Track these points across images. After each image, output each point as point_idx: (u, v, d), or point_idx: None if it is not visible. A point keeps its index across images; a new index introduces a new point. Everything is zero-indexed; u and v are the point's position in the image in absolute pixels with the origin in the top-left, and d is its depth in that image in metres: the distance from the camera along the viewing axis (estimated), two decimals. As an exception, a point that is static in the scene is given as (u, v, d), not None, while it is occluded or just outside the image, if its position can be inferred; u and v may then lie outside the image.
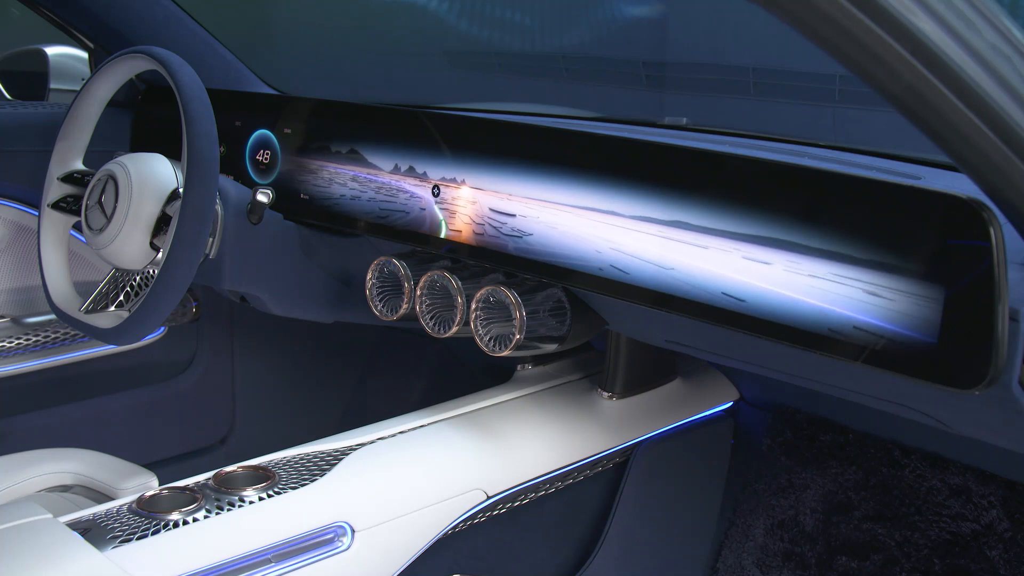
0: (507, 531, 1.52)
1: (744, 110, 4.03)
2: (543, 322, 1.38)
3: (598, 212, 1.22)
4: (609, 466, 1.63)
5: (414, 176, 1.44)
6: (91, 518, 1.19)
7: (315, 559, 1.22)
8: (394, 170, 1.47)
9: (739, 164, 1.12)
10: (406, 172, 1.46)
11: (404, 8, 5.74)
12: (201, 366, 2.09)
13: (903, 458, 1.62)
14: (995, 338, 0.90)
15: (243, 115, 1.72)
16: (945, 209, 0.93)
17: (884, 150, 1.37)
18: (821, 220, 1.03)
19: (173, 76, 1.40)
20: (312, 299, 1.68)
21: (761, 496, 1.74)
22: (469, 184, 1.37)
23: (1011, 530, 1.51)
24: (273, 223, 1.59)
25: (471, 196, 1.37)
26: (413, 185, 1.44)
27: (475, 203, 1.37)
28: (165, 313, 1.39)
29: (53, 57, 2.37)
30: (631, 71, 4.48)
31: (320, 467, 1.32)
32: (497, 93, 5.18)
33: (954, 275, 0.93)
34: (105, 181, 1.50)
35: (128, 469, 1.47)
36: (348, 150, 1.54)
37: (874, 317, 0.98)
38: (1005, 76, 0.72)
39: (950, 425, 1.18)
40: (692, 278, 1.14)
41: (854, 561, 1.61)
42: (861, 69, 0.70)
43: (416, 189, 1.44)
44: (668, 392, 1.70)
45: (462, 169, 1.38)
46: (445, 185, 1.40)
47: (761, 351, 1.22)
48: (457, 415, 1.50)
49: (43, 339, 1.87)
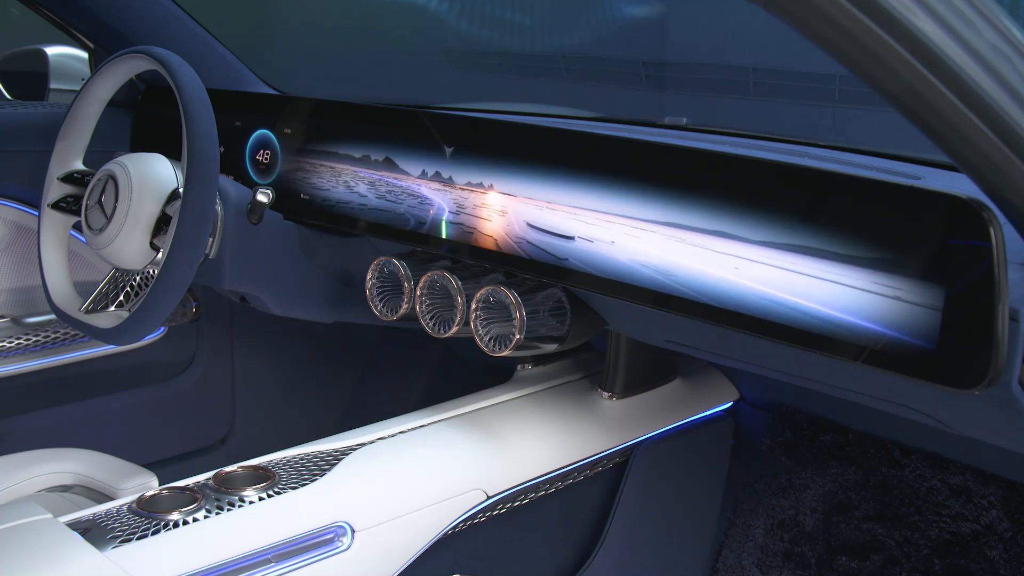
0: (507, 531, 1.52)
1: (744, 110, 4.03)
2: (543, 322, 1.38)
3: (598, 213, 1.22)
4: (609, 466, 1.63)
5: (414, 175, 1.44)
6: (91, 518, 1.19)
7: (315, 559, 1.22)
8: (394, 169, 1.47)
9: (739, 164, 1.12)
10: (405, 171, 1.46)
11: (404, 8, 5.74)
12: (201, 366, 2.09)
13: (903, 458, 1.62)
14: (995, 338, 0.90)
15: (243, 115, 1.72)
16: (945, 209, 0.93)
17: (884, 150, 1.37)
18: (821, 220, 1.03)
19: (173, 76, 1.40)
20: (312, 299, 1.68)
21: (761, 496, 1.74)
22: (468, 182, 1.37)
23: (1011, 530, 1.51)
24: (273, 223, 1.59)
25: (471, 195, 1.37)
26: (413, 184, 1.44)
27: (477, 204, 1.37)
28: (165, 313, 1.39)
29: (53, 57, 2.37)
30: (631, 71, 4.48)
31: (320, 467, 1.32)
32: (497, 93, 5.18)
33: (954, 275, 0.93)
34: (105, 181, 1.50)
35: (128, 469, 1.47)
36: (348, 150, 1.54)
37: (874, 317, 0.98)
38: (1005, 76, 0.72)
39: (950, 425, 1.18)
40: (691, 278, 1.14)
41: (854, 561, 1.61)
42: (861, 69, 0.70)
43: (416, 188, 1.44)
44: (668, 392, 1.70)
45: (462, 169, 1.38)
46: (446, 184, 1.40)
47: (761, 351, 1.22)
48: (457, 415, 1.50)
49: (43, 339, 1.87)
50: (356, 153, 1.52)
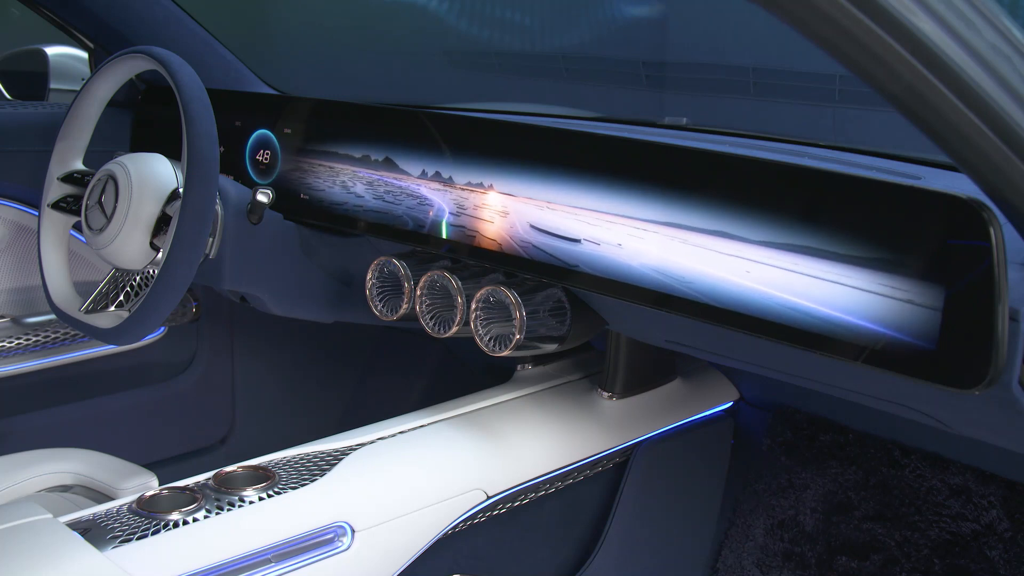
0: (507, 531, 1.52)
1: (744, 110, 4.03)
2: (543, 322, 1.38)
3: (598, 213, 1.22)
4: (609, 466, 1.63)
5: (414, 175, 1.44)
6: (91, 518, 1.19)
7: (315, 559, 1.22)
8: (394, 169, 1.47)
9: (739, 164, 1.12)
10: (405, 171, 1.46)
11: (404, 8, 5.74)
12: (201, 366, 2.09)
13: (903, 458, 1.62)
14: (995, 338, 0.90)
15: (243, 115, 1.72)
16: (945, 209, 0.93)
17: (884, 150, 1.37)
18: (821, 220, 1.03)
19: (173, 76, 1.40)
20: (312, 299, 1.68)
21: (761, 496, 1.74)
22: (468, 182, 1.37)
23: (1011, 530, 1.51)
24: (273, 223, 1.59)
25: (471, 195, 1.37)
26: (413, 184, 1.44)
27: (476, 204, 1.37)
28: (165, 313, 1.39)
29: (53, 57, 2.37)
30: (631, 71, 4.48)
31: (320, 467, 1.32)
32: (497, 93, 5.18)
33: (954, 275, 0.93)
34: (105, 181, 1.50)
35: (128, 469, 1.47)
36: (348, 150, 1.54)
37: (874, 317, 0.98)
38: (1005, 76, 0.72)
39: (950, 425, 1.18)
40: (691, 278, 1.14)
41: (854, 561, 1.61)
42: (861, 69, 0.70)
43: (416, 188, 1.44)
44: (668, 392, 1.70)
45: (462, 169, 1.38)
46: (446, 184, 1.40)
47: (761, 351, 1.22)
48: (457, 415, 1.50)
49: (43, 339, 1.87)
50: (356, 153, 1.52)
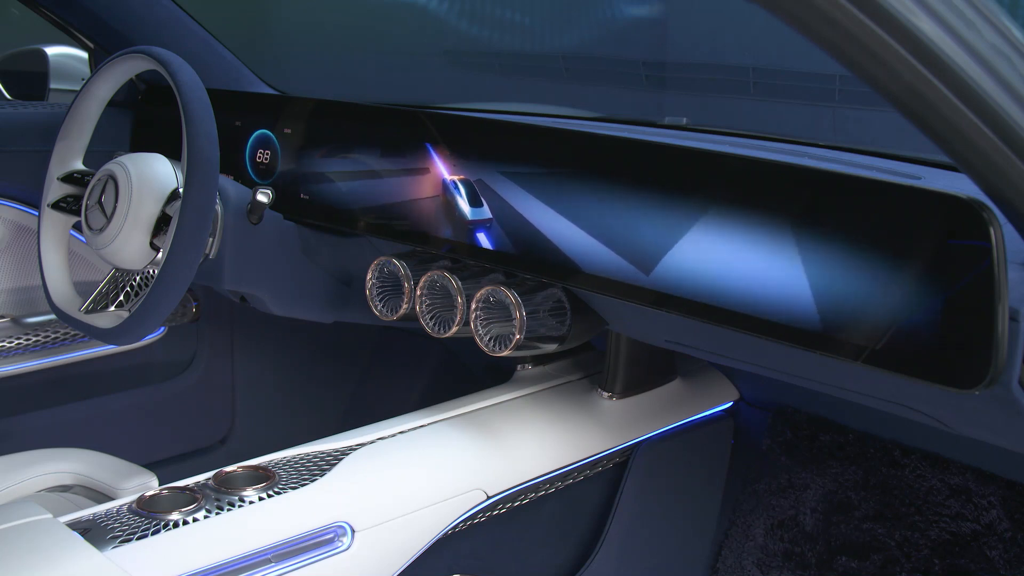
0: (507, 531, 1.52)
1: (744, 110, 4.03)
2: (543, 322, 1.38)
3: (597, 213, 1.22)
4: (609, 466, 1.63)
5: (413, 175, 1.44)
6: (91, 518, 1.19)
7: (315, 559, 1.22)
8: (393, 169, 1.47)
9: (739, 164, 1.12)
10: (405, 171, 1.46)
11: (404, 8, 5.74)
12: (201, 366, 2.09)
13: (903, 458, 1.62)
14: (995, 338, 0.90)
15: (243, 115, 1.72)
16: (945, 209, 0.93)
17: (884, 150, 1.37)
18: (821, 220, 1.03)
19: (173, 76, 1.40)
20: (312, 299, 1.69)
21: (761, 496, 1.74)
22: (467, 181, 1.37)
23: (1011, 530, 1.51)
24: (273, 223, 1.59)
25: (472, 195, 1.37)
26: (412, 184, 1.44)
27: (477, 204, 1.37)
28: (165, 313, 1.39)
29: (53, 57, 2.37)
30: (631, 71, 4.48)
31: (320, 467, 1.32)
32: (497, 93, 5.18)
33: (954, 275, 0.93)
34: (105, 181, 1.50)
35: (128, 469, 1.47)
36: (348, 150, 1.54)
37: (874, 317, 0.98)
38: (1005, 76, 0.72)
39: (950, 425, 1.18)
40: (691, 278, 1.13)
41: (854, 561, 1.61)
42: (861, 69, 0.70)
43: (416, 188, 1.44)
44: (668, 392, 1.70)
45: (462, 168, 1.38)
46: (446, 184, 1.40)
47: (761, 351, 1.22)
48: (457, 415, 1.50)
49: (43, 339, 1.87)
50: (356, 153, 1.52)
